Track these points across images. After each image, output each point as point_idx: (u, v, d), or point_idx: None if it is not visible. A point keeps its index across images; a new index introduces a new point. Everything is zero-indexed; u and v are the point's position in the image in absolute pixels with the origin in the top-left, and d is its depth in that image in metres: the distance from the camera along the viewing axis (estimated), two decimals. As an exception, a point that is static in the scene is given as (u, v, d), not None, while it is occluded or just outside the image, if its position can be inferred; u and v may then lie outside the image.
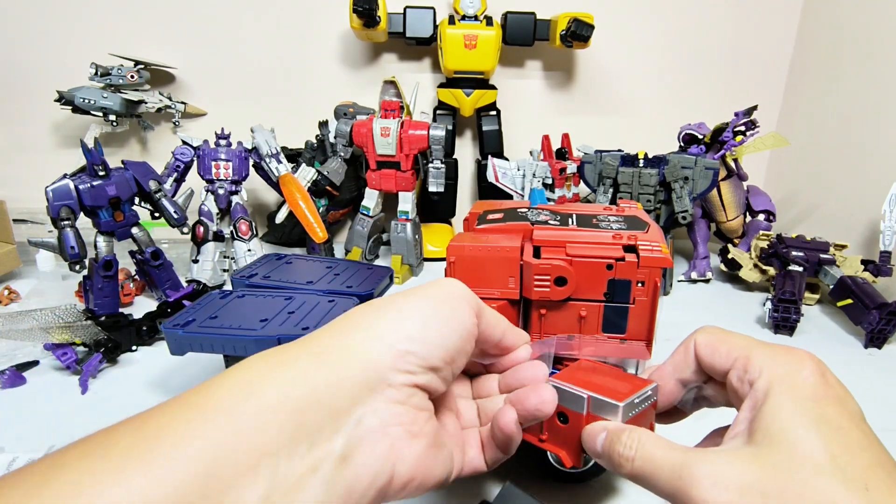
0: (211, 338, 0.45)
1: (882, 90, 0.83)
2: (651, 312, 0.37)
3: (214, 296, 0.52)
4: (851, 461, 0.22)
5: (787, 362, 0.27)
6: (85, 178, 0.64)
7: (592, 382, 0.33)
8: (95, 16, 0.94)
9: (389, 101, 0.81)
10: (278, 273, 0.59)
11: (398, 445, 0.23)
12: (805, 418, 0.24)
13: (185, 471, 0.18)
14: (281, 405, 0.21)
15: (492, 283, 0.37)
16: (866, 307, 0.65)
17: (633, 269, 0.36)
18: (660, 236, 0.38)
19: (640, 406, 0.32)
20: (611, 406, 0.31)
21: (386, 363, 0.24)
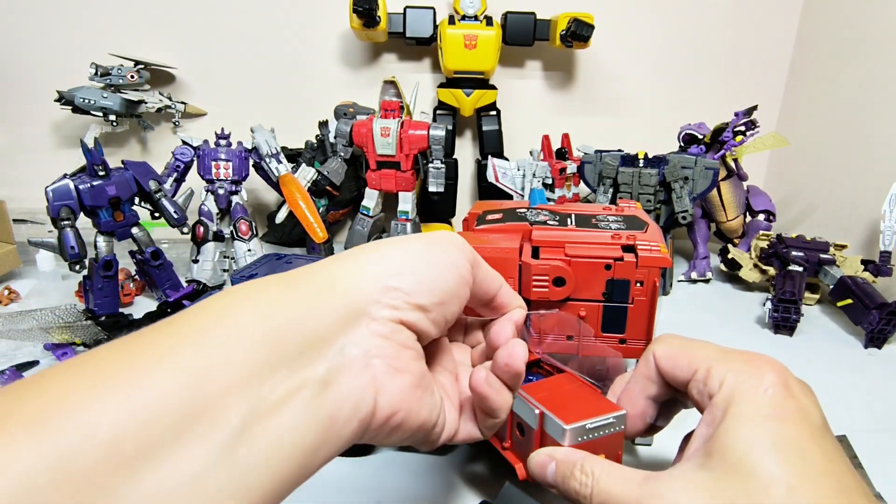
0: None
1: (882, 90, 0.83)
2: (650, 312, 0.37)
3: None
4: (810, 491, 0.22)
5: (748, 374, 0.26)
6: (85, 178, 0.64)
7: (555, 399, 0.33)
8: (95, 16, 0.94)
9: (389, 101, 0.81)
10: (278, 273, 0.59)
11: (381, 378, 0.23)
12: (763, 442, 0.23)
13: (168, 388, 0.18)
14: (260, 329, 0.21)
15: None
16: (866, 307, 0.65)
17: (631, 269, 0.36)
18: (659, 236, 0.38)
19: (595, 433, 0.31)
20: (557, 427, 0.31)
21: (370, 296, 0.23)
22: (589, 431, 0.31)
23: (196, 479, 0.18)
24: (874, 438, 0.48)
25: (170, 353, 0.19)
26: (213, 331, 0.20)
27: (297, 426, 0.20)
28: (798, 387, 0.26)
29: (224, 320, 0.21)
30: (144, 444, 0.17)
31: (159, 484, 0.17)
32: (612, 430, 0.31)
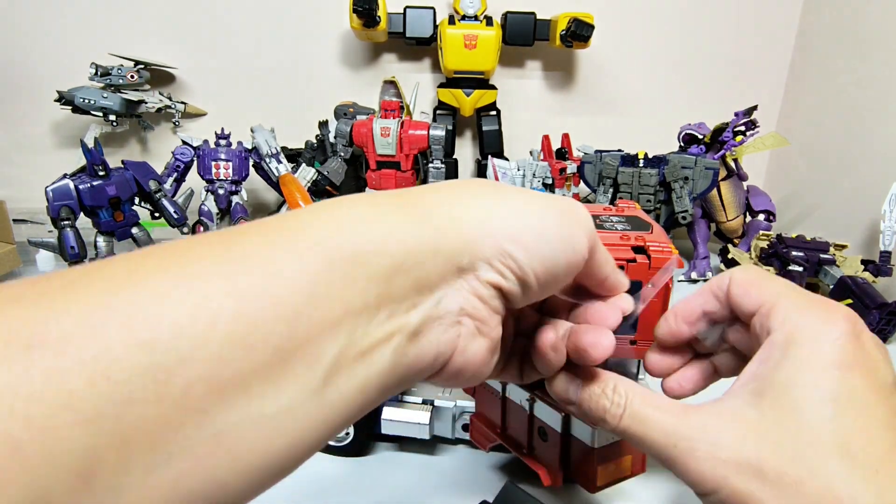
0: None
1: (882, 90, 0.83)
2: (662, 313, 0.36)
3: None
4: (867, 446, 0.20)
5: (817, 318, 0.23)
6: (85, 178, 0.64)
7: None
8: (95, 16, 0.94)
9: (389, 101, 0.81)
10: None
11: (465, 338, 0.22)
12: (823, 391, 0.21)
13: (274, 312, 0.16)
14: (376, 260, 0.19)
15: None
16: (866, 307, 0.65)
17: (644, 270, 0.36)
18: (665, 237, 0.38)
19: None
20: (585, 429, 0.32)
21: (484, 254, 0.21)
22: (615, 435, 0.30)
23: (282, 414, 0.17)
24: (874, 438, 0.48)
25: (283, 259, 0.17)
26: (330, 245, 0.18)
27: (382, 372, 0.19)
28: (871, 341, 0.23)
29: (344, 238, 0.19)
30: (242, 370, 0.16)
31: (245, 415, 0.16)
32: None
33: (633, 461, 0.33)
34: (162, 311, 0.15)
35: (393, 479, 0.42)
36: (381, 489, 0.41)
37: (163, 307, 0.15)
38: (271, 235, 0.18)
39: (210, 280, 0.16)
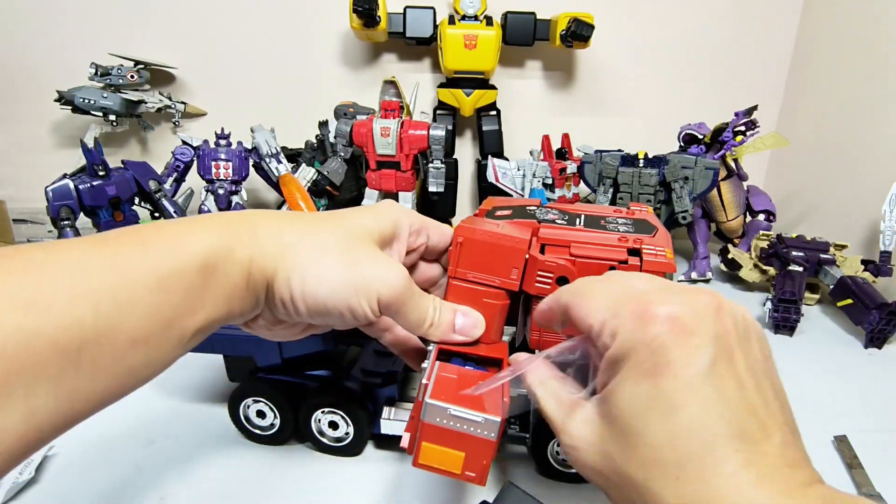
0: (210, 337, 0.45)
1: (882, 90, 0.83)
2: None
3: None
4: (672, 450, 0.21)
5: (636, 327, 0.24)
6: (85, 178, 0.64)
7: (455, 383, 0.32)
8: (95, 16, 0.94)
9: (389, 101, 0.81)
10: None
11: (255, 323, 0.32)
12: (637, 404, 0.23)
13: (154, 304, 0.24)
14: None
15: (494, 270, 0.37)
16: (866, 307, 0.65)
17: (635, 272, 0.36)
18: (667, 241, 0.37)
19: (458, 424, 0.30)
20: (424, 402, 0.30)
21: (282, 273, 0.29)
22: (452, 419, 0.30)
23: (163, 360, 0.25)
24: (874, 438, 0.48)
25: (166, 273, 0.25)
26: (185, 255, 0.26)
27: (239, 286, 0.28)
28: (697, 322, 0.23)
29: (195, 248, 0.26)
30: (138, 339, 0.23)
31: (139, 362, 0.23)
32: (479, 431, 0.30)
33: (466, 462, 0.31)
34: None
35: (392, 480, 0.42)
36: (380, 489, 0.41)
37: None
38: (150, 241, 0.25)
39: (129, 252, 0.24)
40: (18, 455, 0.20)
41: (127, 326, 0.22)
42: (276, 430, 0.46)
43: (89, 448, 0.45)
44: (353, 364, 0.47)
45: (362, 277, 0.29)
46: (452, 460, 0.31)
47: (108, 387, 0.23)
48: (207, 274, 0.26)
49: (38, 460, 0.43)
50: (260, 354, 0.45)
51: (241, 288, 0.28)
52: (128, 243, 0.24)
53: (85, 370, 0.21)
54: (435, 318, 0.33)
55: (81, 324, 0.21)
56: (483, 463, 0.30)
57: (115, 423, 0.49)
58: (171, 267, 0.24)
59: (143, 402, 0.52)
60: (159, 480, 0.42)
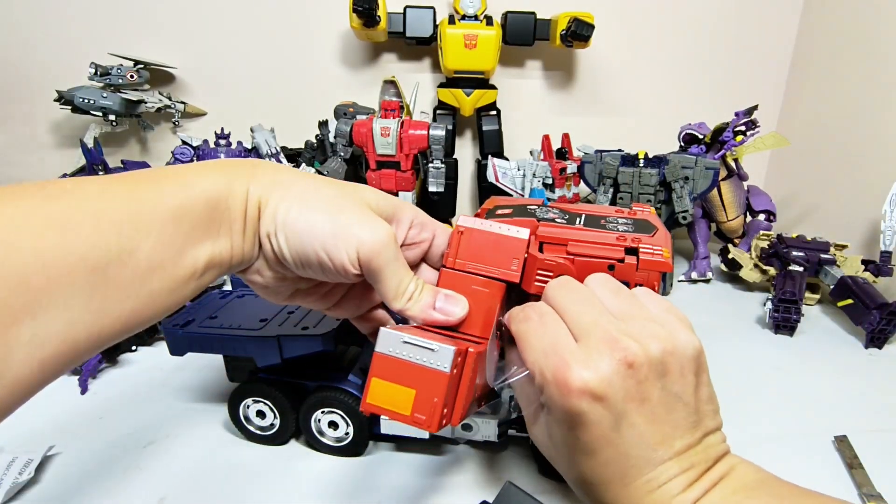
0: (211, 338, 0.45)
1: (882, 90, 0.83)
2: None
3: (214, 296, 0.52)
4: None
5: (556, 394, 0.28)
6: (85, 177, 0.64)
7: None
8: (95, 16, 0.94)
9: (389, 101, 0.81)
10: None
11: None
12: (567, 444, 0.29)
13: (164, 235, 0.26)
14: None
15: (495, 261, 0.36)
16: (867, 307, 0.65)
17: (631, 271, 0.36)
18: (666, 241, 0.37)
19: (410, 355, 0.29)
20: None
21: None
22: (404, 348, 0.29)
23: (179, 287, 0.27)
24: (874, 438, 0.48)
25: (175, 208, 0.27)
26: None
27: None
28: (606, 388, 0.28)
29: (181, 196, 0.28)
30: (153, 266, 0.26)
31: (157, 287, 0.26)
32: (430, 362, 0.28)
33: (417, 401, 0.29)
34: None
35: (393, 480, 0.42)
36: (381, 489, 0.41)
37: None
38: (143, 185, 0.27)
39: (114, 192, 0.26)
40: (60, 366, 0.24)
41: (145, 250, 0.25)
42: (276, 430, 0.46)
43: (89, 448, 0.45)
44: (353, 364, 0.47)
45: (343, 225, 0.30)
46: (402, 399, 0.29)
47: (134, 308, 0.25)
48: (212, 208, 0.28)
49: (38, 460, 0.43)
50: (260, 355, 0.45)
51: (241, 222, 0.29)
52: (143, 181, 0.27)
53: (112, 288, 0.24)
54: (415, 292, 0.33)
55: (107, 244, 0.24)
56: (434, 401, 0.28)
57: (115, 423, 0.49)
58: (181, 201, 0.27)
59: (143, 403, 0.53)
60: (159, 480, 0.42)
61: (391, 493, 0.41)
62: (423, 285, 0.34)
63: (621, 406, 0.26)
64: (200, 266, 0.28)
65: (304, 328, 0.45)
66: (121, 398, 0.53)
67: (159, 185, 0.27)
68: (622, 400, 0.26)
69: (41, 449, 0.44)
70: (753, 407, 0.53)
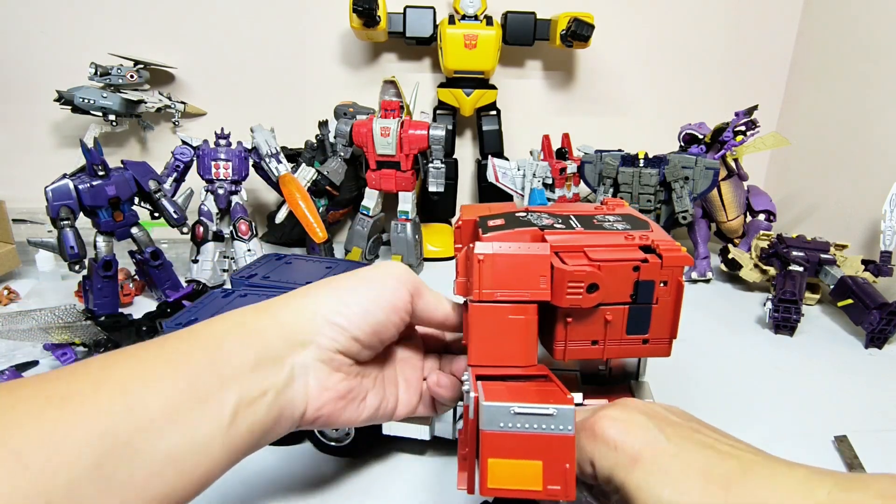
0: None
1: (882, 90, 0.83)
2: (675, 310, 0.36)
3: (216, 295, 0.52)
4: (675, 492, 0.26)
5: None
6: (84, 177, 0.64)
7: (513, 390, 0.30)
8: (95, 16, 0.94)
9: (389, 101, 0.81)
10: (278, 273, 0.59)
11: (313, 391, 0.31)
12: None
13: (187, 381, 0.27)
14: (248, 350, 0.30)
15: (521, 284, 0.34)
16: (867, 307, 0.65)
17: (657, 269, 0.35)
18: (665, 234, 0.38)
19: (526, 424, 0.27)
20: (481, 407, 0.27)
21: (318, 329, 0.32)
22: (516, 419, 0.27)
23: (203, 444, 0.26)
24: (874, 438, 0.48)
25: (186, 357, 0.28)
26: (226, 338, 0.30)
27: (264, 415, 0.29)
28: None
29: (221, 341, 0.30)
30: (170, 415, 0.25)
31: (178, 444, 0.25)
32: (553, 427, 0.27)
33: (546, 472, 0.26)
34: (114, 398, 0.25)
35: (394, 481, 0.42)
36: (381, 490, 0.41)
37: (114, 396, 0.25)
38: (178, 343, 0.29)
39: (149, 376, 0.26)
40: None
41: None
42: (276, 430, 0.46)
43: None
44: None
45: (384, 282, 0.34)
46: (529, 474, 0.26)
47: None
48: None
49: (38, 461, 0.42)
50: None
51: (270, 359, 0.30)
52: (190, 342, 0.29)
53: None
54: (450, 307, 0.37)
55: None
56: (566, 468, 0.26)
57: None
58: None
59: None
60: (159, 481, 0.42)
61: (392, 493, 0.41)
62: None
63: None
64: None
65: None
66: (121, 398, 0.53)
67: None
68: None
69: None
70: (753, 407, 0.53)
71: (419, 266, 0.87)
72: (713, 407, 0.53)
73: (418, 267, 0.87)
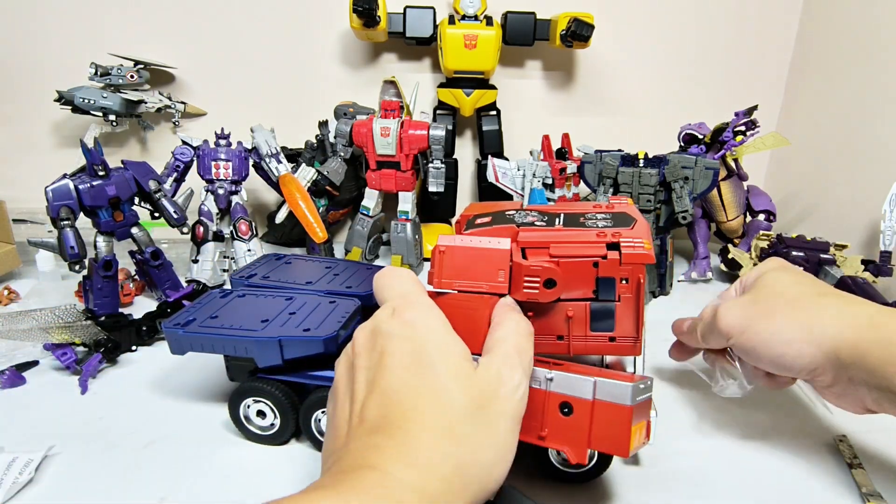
0: (211, 338, 0.45)
1: (882, 90, 0.83)
2: (636, 309, 0.36)
3: (215, 295, 0.52)
4: (799, 297, 0.42)
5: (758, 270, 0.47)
6: (85, 178, 0.64)
7: (593, 372, 0.35)
8: (95, 16, 0.94)
9: (389, 101, 0.81)
10: (278, 273, 0.59)
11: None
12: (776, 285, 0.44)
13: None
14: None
15: (480, 276, 0.36)
16: (866, 307, 0.65)
17: (615, 266, 0.36)
18: (645, 232, 0.37)
19: (643, 395, 0.35)
20: (617, 388, 0.33)
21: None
22: (640, 392, 0.34)
23: None
24: (874, 438, 0.48)
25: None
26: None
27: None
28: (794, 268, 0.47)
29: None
30: None
31: None
32: (648, 394, 0.35)
33: (648, 426, 0.36)
34: None
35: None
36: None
37: None
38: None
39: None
40: None
41: None
42: (276, 430, 0.46)
43: (89, 448, 0.45)
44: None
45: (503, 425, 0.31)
46: (642, 432, 0.35)
47: None
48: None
49: (39, 460, 0.43)
50: (261, 356, 0.45)
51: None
52: None
53: None
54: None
55: None
56: (649, 419, 0.37)
57: (115, 423, 0.49)
58: None
59: (143, 402, 0.53)
60: (159, 480, 0.42)
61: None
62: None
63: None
64: None
65: (306, 329, 0.45)
66: (121, 398, 0.53)
67: None
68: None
69: (41, 449, 0.44)
70: (753, 407, 0.53)
71: (419, 266, 0.87)
72: (715, 406, 0.53)
73: (418, 267, 0.87)
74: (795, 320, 0.40)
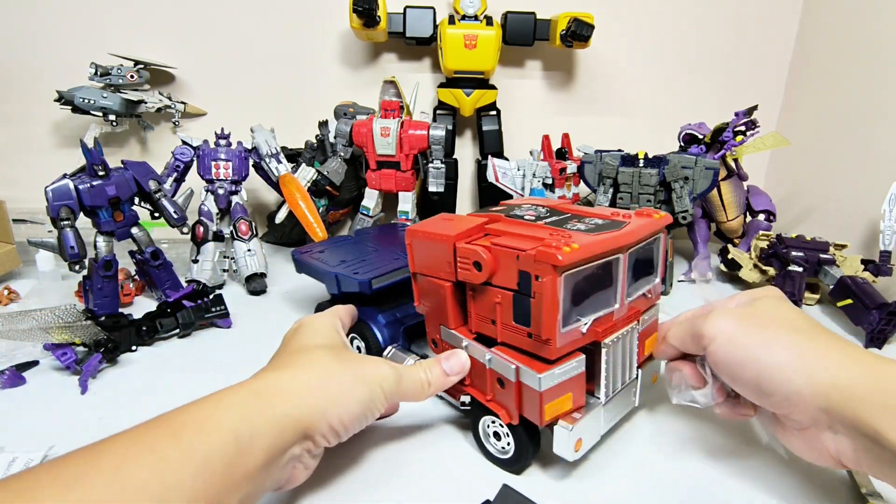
0: (308, 265, 0.62)
1: (882, 90, 0.83)
2: (547, 310, 0.36)
3: (337, 239, 0.70)
4: (792, 322, 0.40)
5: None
6: (85, 178, 0.64)
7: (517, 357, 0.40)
8: (95, 16, 0.94)
9: (389, 101, 0.81)
10: (390, 236, 0.73)
11: (296, 471, 0.38)
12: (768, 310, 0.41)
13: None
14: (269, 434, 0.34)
15: (435, 265, 0.43)
16: (866, 307, 0.65)
17: (531, 261, 0.36)
18: (607, 243, 0.39)
19: (564, 377, 0.39)
20: (533, 376, 0.38)
21: (317, 428, 0.36)
22: (557, 377, 0.38)
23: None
24: (874, 438, 0.48)
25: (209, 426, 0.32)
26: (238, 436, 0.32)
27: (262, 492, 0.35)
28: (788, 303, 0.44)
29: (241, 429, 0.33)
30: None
31: None
32: (574, 373, 0.39)
33: (574, 398, 0.40)
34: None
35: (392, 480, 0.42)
36: (380, 489, 0.41)
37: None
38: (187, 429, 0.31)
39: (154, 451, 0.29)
40: None
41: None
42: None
43: (89, 448, 0.45)
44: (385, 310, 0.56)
45: (370, 392, 0.39)
46: (565, 404, 0.39)
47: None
48: (240, 448, 0.31)
49: (39, 460, 0.43)
50: (329, 284, 0.58)
51: (279, 450, 0.34)
52: (162, 436, 0.30)
53: None
54: (429, 376, 0.43)
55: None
56: (582, 392, 0.41)
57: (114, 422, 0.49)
58: (205, 451, 0.29)
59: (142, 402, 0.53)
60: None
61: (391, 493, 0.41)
62: (426, 364, 0.43)
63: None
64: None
65: (355, 272, 0.57)
66: (120, 398, 0.53)
67: (178, 437, 0.30)
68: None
69: (41, 449, 0.44)
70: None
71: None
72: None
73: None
74: (792, 344, 0.37)
